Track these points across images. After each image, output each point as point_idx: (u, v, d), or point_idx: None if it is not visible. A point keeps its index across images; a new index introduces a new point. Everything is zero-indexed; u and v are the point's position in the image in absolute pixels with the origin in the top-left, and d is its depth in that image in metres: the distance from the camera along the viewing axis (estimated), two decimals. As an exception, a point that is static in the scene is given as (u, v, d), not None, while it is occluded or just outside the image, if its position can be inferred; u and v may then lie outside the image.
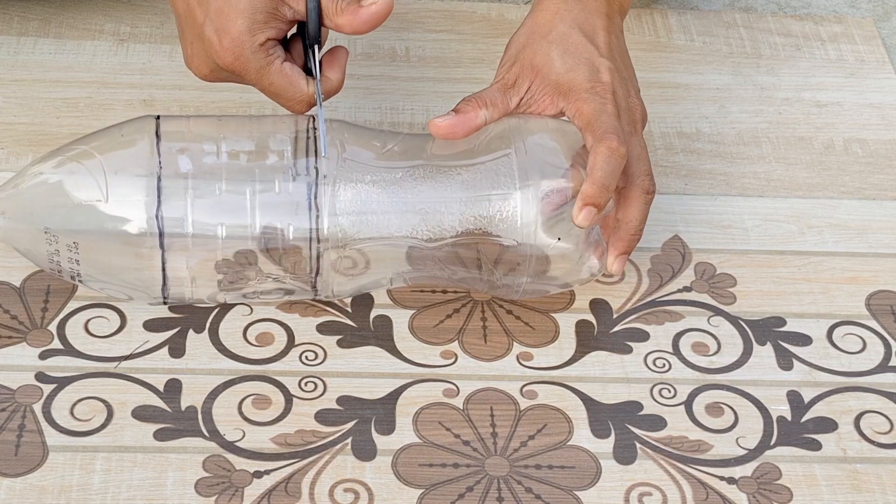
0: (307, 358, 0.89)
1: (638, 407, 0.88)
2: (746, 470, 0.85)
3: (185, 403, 0.86)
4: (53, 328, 0.90)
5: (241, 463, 0.83)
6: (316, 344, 0.90)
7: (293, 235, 0.86)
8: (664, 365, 0.91)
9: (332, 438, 0.85)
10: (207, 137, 0.87)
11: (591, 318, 0.94)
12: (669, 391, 0.90)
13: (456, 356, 0.91)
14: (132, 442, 0.84)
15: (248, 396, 0.87)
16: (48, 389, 0.86)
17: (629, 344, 0.92)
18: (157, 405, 0.86)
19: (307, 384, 0.88)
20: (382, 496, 0.82)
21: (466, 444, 0.85)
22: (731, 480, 0.85)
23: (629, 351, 0.92)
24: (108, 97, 1.06)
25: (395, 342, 0.91)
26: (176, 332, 0.90)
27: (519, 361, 0.91)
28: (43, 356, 0.88)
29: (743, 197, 1.04)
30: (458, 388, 0.89)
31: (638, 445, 0.86)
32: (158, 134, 0.87)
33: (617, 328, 0.93)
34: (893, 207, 1.04)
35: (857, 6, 1.25)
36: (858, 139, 1.10)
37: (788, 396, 0.90)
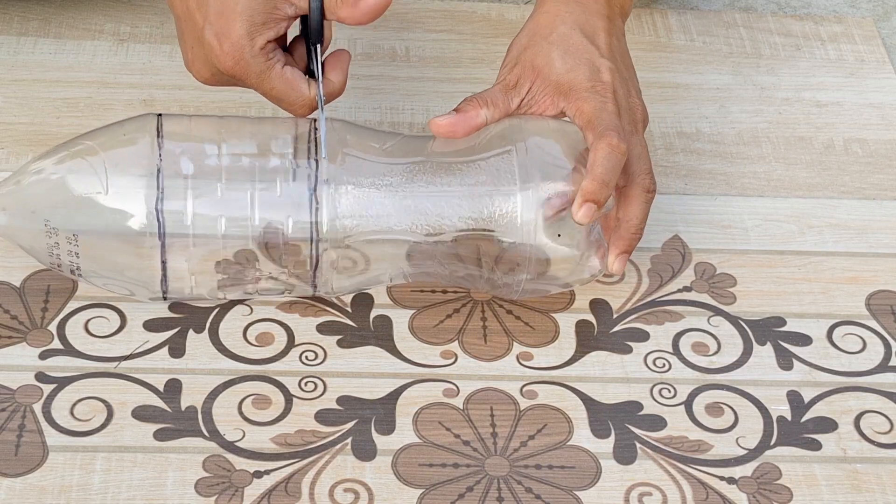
0: (307, 358, 0.89)
1: (638, 407, 0.88)
2: (746, 470, 0.85)
3: (185, 403, 0.86)
4: (53, 328, 0.89)
5: (241, 463, 0.83)
6: (316, 344, 0.90)
7: (293, 232, 0.86)
8: (664, 365, 0.91)
9: (332, 438, 0.85)
10: (209, 136, 0.87)
11: (591, 318, 0.94)
12: (669, 391, 0.90)
13: (456, 356, 0.91)
14: (132, 442, 0.84)
15: (248, 396, 0.87)
16: (48, 389, 0.86)
17: (629, 344, 0.92)
18: (157, 405, 0.86)
19: (307, 384, 0.88)
20: (382, 496, 0.82)
21: (466, 444, 0.85)
22: (731, 480, 0.85)
23: (629, 351, 0.92)
24: (108, 97, 1.06)
25: (395, 342, 0.91)
26: (176, 332, 0.90)
27: (519, 361, 0.91)
28: (43, 356, 0.88)
29: (743, 197, 1.04)
30: (458, 388, 0.89)
31: (638, 445, 0.86)
32: (160, 132, 0.87)
33: (617, 328, 0.93)
34: (893, 207, 1.04)
35: (857, 6, 1.25)
36: (858, 139, 1.10)
37: (788, 396, 0.90)
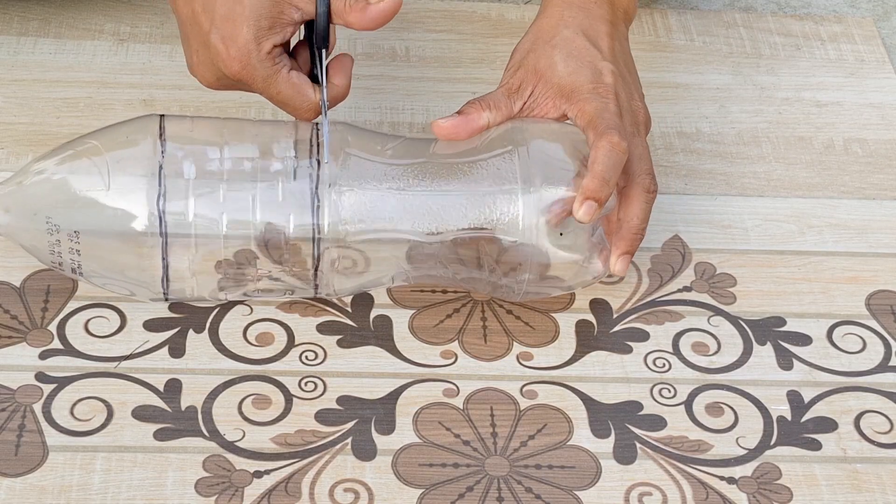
0: (307, 358, 0.89)
1: (638, 407, 0.88)
2: (746, 470, 0.85)
3: (185, 403, 0.86)
4: (53, 328, 0.89)
5: (241, 463, 0.83)
6: (316, 344, 0.90)
7: (294, 233, 0.86)
8: (664, 365, 0.91)
9: (332, 438, 0.85)
10: (211, 137, 0.88)
11: (591, 317, 0.94)
12: (669, 391, 0.90)
13: (456, 356, 0.91)
14: (132, 442, 0.84)
15: (248, 396, 0.87)
16: (48, 389, 0.86)
17: (629, 344, 0.92)
18: (157, 405, 0.86)
19: (307, 384, 0.88)
20: (382, 496, 0.82)
21: (466, 443, 0.85)
22: (731, 480, 0.85)
23: (629, 351, 0.92)
24: (108, 97, 1.06)
25: (395, 342, 0.91)
26: (176, 332, 0.90)
27: (519, 361, 0.91)
28: (43, 356, 0.88)
29: (743, 197, 1.04)
30: (458, 387, 0.89)
31: (638, 445, 0.86)
32: (162, 133, 0.87)
33: (617, 328, 0.93)
34: (893, 207, 1.04)
35: (857, 6, 1.25)
36: (858, 139, 1.10)
37: (788, 396, 0.90)
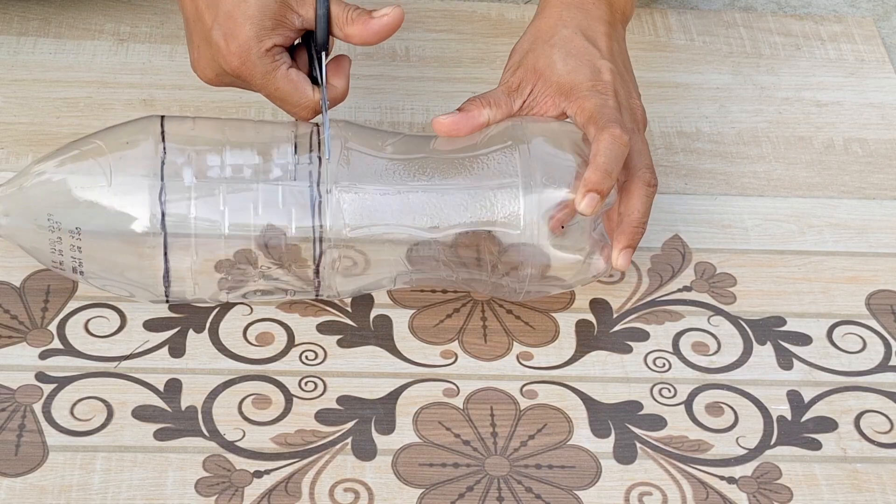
0: (307, 358, 0.89)
1: (638, 406, 0.88)
2: (746, 469, 0.85)
3: (185, 403, 0.86)
4: (53, 328, 0.89)
5: (241, 463, 0.83)
6: (316, 344, 0.90)
7: (295, 232, 0.86)
8: (664, 365, 0.91)
9: (332, 438, 0.85)
10: (212, 137, 0.88)
11: (591, 317, 0.94)
12: (669, 391, 0.90)
13: (456, 356, 0.91)
14: (132, 442, 0.84)
15: (248, 396, 0.87)
16: (48, 389, 0.86)
17: (629, 343, 0.92)
18: (157, 405, 0.86)
19: (307, 384, 0.88)
20: (382, 496, 0.82)
21: (466, 443, 0.85)
22: (731, 480, 0.85)
23: (629, 351, 0.92)
24: (108, 97, 1.06)
25: (395, 342, 0.91)
26: (176, 331, 0.90)
27: (519, 361, 0.91)
28: (43, 356, 0.88)
29: (743, 196, 1.04)
30: (458, 387, 0.89)
31: (638, 445, 0.86)
32: (163, 133, 0.87)
33: (617, 328, 0.93)
34: (893, 207, 1.04)
35: (857, 6, 1.25)
36: (858, 139, 1.10)
37: (788, 396, 0.90)
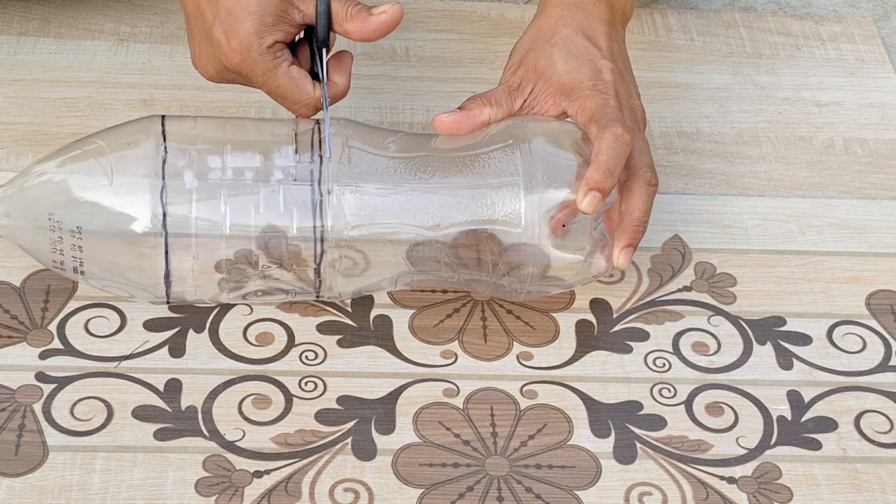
0: (307, 358, 0.89)
1: (638, 406, 0.88)
2: (746, 469, 0.85)
3: (185, 403, 0.86)
4: (53, 328, 0.89)
5: (241, 463, 0.83)
6: (316, 344, 0.90)
7: (296, 231, 0.86)
8: (664, 364, 0.91)
9: (332, 438, 0.85)
10: (212, 137, 0.88)
11: (591, 317, 0.94)
12: (669, 391, 0.90)
13: (456, 356, 0.91)
14: (132, 442, 0.84)
15: (248, 396, 0.87)
16: (48, 389, 0.86)
17: (629, 343, 0.92)
18: (157, 405, 0.86)
19: (307, 384, 0.88)
20: (382, 496, 0.82)
21: (466, 443, 0.85)
22: (731, 480, 0.85)
23: (629, 350, 0.92)
24: (108, 97, 1.06)
25: (395, 342, 0.91)
26: (176, 331, 0.90)
27: (519, 361, 0.91)
28: (43, 356, 0.88)
29: (743, 196, 1.04)
30: (458, 387, 0.89)
31: (638, 445, 0.86)
32: (164, 133, 0.87)
33: (617, 328, 0.93)
34: (893, 207, 1.04)
35: (857, 6, 1.25)
36: (858, 139, 1.10)
37: (788, 396, 0.90)
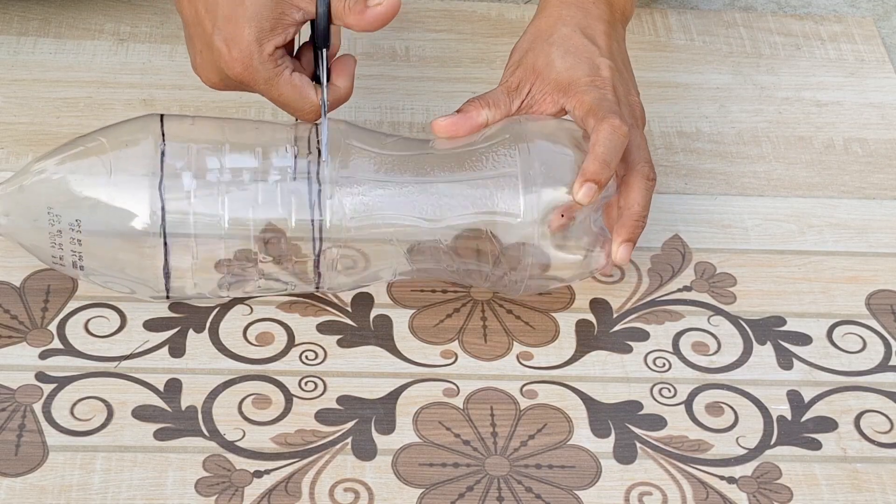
0: (307, 358, 0.89)
1: (638, 406, 0.88)
2: (746, 469, 0.85)
3: (185, 403, 0.86)
4: (53, 328, 0.89)
5: (241, 462, 0.83)
6: (316, 343, 0.90)
7: (295, 229, 0.86)
8: (664, 364, 0.91)
9: (332, 438, 0.85)
10: (211, 136, 0.88)
11: (591, 317, 0.94)
12: (669, 391, 0.90)
13: (456, 356, 0.91)
14: (132, 442, 0.84)
15: (248, 396, 0.87)
16: (48, 389, 0.86)
17: (629, 343, 0.92)
18: (157, 405, 0.86)
19: (307, 384, 0.88)
20: (382, 496, 0.82)
21: (466, 443, 0.85)
22: (731, 480, 0.85)
23: (629, 350, 0.92)
24: (108, 97, 1.06)
25: (395, 342, 0.91)
26: (176, 331, 0.90)
27: (519, 361, 0.91)
28: (43, 356, 0.88)
29: (743, 196, 1.04)
30: (458, 387, 0.89)
31: (638, 445, 0.86)
32: (163, 132, 0.87)
33: (617, 328, 0.93)
34: (893, 207, 1.04)
35: (857, 6, 1.25)
36: (858, 139, 1.10)
37: (788, 396, 0.90)
